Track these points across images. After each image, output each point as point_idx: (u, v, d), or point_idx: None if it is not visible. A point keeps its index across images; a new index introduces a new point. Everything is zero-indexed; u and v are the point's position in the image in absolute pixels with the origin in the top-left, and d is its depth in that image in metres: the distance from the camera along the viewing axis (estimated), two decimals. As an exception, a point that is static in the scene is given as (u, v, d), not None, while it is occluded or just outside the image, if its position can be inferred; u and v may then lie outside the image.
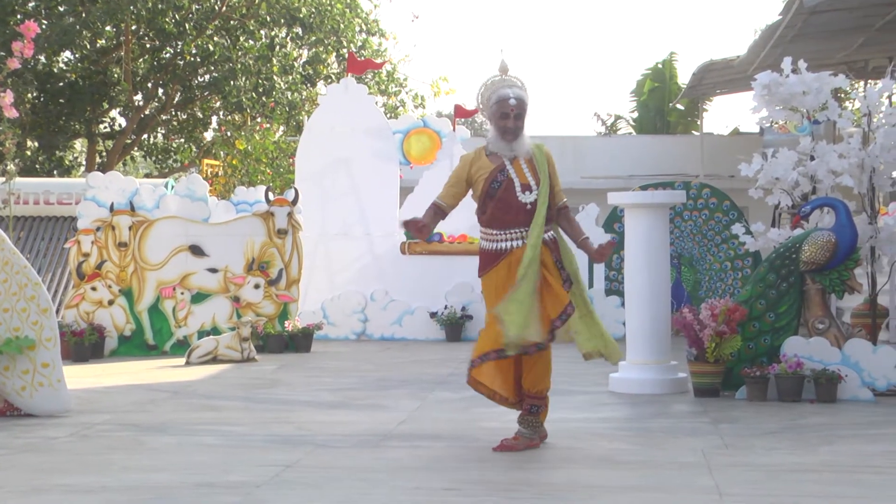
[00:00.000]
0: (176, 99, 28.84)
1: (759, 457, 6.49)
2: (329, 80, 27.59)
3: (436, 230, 15.50)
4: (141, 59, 28.33)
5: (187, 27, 27.12)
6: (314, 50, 28.47)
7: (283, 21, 27.45)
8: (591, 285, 15.15)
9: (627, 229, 9.77)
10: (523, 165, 6.58)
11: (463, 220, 15.89)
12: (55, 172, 27.87)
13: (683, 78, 30.36)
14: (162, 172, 30.45)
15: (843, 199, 9.62)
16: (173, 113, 29.73)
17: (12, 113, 10.09)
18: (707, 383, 9.12)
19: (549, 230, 6.61)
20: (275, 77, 27.19)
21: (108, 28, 26.76)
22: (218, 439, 7.16)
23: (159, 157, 31.11)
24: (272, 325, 13.28)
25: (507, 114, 6.53)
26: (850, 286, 9.36)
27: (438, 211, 6.86)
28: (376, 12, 29.74)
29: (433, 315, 15.16)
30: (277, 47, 28.02)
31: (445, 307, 15.18)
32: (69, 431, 7.46)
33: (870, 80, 17.72)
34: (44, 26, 24.24)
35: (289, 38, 28.56)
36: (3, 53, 10.64)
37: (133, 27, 26.87)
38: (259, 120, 26.32)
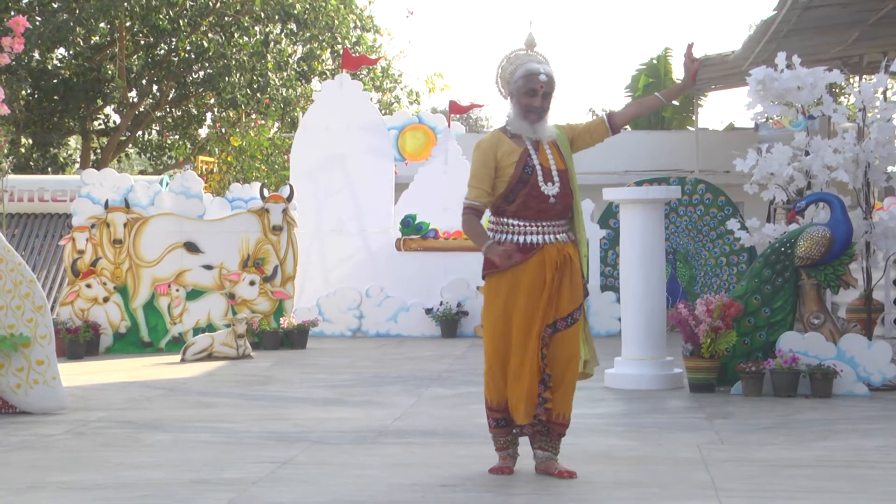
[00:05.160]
0: (170, 95, 28.81)
1: (755, 452, 6.49)
2: (324, 77, 27.58)
3: (431, 226, 15.55)
4: (135, 56, 28.29)
5: (181, 24, 27.08)
6: (309, 46, 28.45)
7: (277, 17, 27.42)
8: (586, 280, 15.15)
9: (623, 225, 9.77)
10: (547, 150, 5.83)
11: (458, 216, 15.89)
12: (49, 169, 27.84)
13: (678, 73, 30.35)
14: (157, 169, 30.43)
15: (838, 195, 9.62)
16: (168, 109, 29.70)
17: (3, 110, 10.05)
18: (702, 379, 9.13)
19: (571, 228, 5.90)
20: (269, 73, 27.18)
21: (101, 25, 26.72)
22: (213, 436, 7.16)
23: (154, 153, 31.08)
24: (267, 321, 13.27)
25: (536, 90, 5.78)
26: (846, 281, 9.37)
27: (479, 214, 5.90)
28: (371, 8, 29.73)
29: (428, 311, 15.16)
30: (272, 44, 28.01)
31: (441, 303, 15.18)
32: (64, 429, 7.46)
33: (864, 75, 17.74)
34: (37, 23, 24.22)
35: (283, 34, 28.55)
36: (-2, 50, 10.62)
37: (127, 24, 26.85)
38: (254, 116, 26.31)
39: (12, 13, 23.09)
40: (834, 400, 8.64)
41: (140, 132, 30.03)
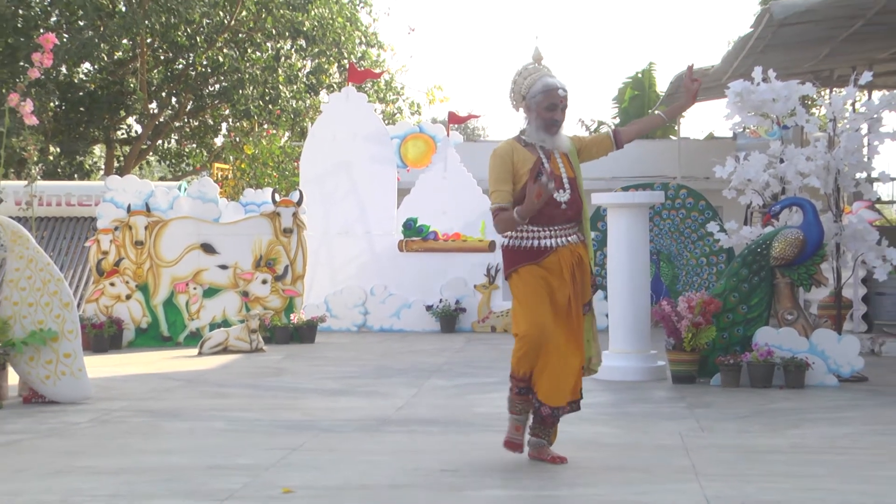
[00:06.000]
0: (188, 107, 28.80)
1: (733, 439, 6.50)
2: (331, 89, 27.57)
3: (431, 229, 15.55)
4: (155, 70, 28.28)
5: (198, 40, 27.08)
6: (317, 61, 28.44)
7: (287, 34, 27.40)
8: (594, 278, 15.10)
9: (610, 228, 9.78)
10: (558, 159, 5.79)
11: (456, 219, 15.95)
12: (76, 176, 27.82)
13: (662, 86, 30.36)
14: (175, 176, 30.42)
15: (811, 199, 9.64)
16: (186, 120, 29.68)
17: (32, 120, 10.06)
18: (684, 371, 9.13)
19: (581, 230, 5.88)
20: (280, 86, 27.16)
21: (124, 41, 26.71)
22: (228, 424, 7.16)
23: (173, 161, 31.07)
24: (279, 317, 13.27)
25: (556, 105, 5.71)
26: (817, 280, 9.38)
27: (507, 209, 5.75)
28: (375, 25, 29.71)
29: (429, 308, 15.15)
30: (283, 58, 27.99)
31: (440, 301, 15.17)
32: (90, 417, 7.46)
33: (835, 88, 17.74)
34: (64, 39, 24.21)
35: (293, 49, 28.52)
36: (27, 65, 10.66)
37: (148, 40, 26.83)
38: (266, 126, 26.30)
39: (42, 31, 23.12)
40: (806, 390, 8.65)
41: (160, 141, 30.01)
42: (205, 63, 27.44)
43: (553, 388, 5.68)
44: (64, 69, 26.27)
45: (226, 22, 27.15)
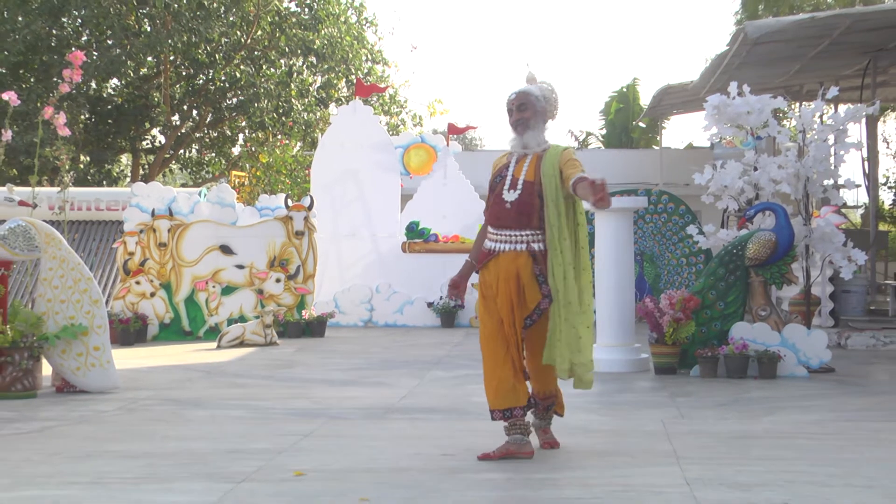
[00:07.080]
0: (208, 119, 28.81)
1: (711, 426, 6.49)
2: (339, 103, 27.57)
3: (432, 232, 15.54)
4: (177, 85, 28.28)
5: (217, 57, 27.08)
6: (327, 76, 28.45)
7: (299, 52, 27.41)
8: (547, 290, 15.06)
9: (597, 230, 9.77)
10: (526, 164, 5.46)
11: (456, 222, 15.95)
12: (104, 183, 27.83)
13: (645, 100, 30.38)
14: (196, 182, 30.42)
15: (782, 204, 9.63)
16: (205, 131, 29.69)
17: (66, 132, 10.06)
18: (666, 363, 9.13)
19: (542, 240, 5.38)
20: (293, 100, 27.17)
21: (149, 58, 26.72)
22: (245, 412, 7.15)
23: (193, 169, 31.08)
24: (291, 313, 13.26)
25: (511, 109, 5.54)
26: (788, 278, 9.38)
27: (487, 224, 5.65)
28: (380, 44, 29.72)
29: (430, 305, 15.15)
30: (295, 74, 27.99)
31: (440, 298, 15.17)
32: (117, 405, 7.45)
33: (804, 102, 17.74)
34: (94, 57, 24.21)
35: (305, 66, 28.53)
36: (60, 81, 10.68)
37: (171, 57, 26.84)
38: (279, 137, 26.31)
39: (73, 49, 23.11)
40: (778, 381, 8.64)
41: (182, 150, 30.02)
42: (223, 78, 27.45)
43: (493, 392, 5.43)
44: (94, 84, 26.29)
45: (243, 41, 27.15)
